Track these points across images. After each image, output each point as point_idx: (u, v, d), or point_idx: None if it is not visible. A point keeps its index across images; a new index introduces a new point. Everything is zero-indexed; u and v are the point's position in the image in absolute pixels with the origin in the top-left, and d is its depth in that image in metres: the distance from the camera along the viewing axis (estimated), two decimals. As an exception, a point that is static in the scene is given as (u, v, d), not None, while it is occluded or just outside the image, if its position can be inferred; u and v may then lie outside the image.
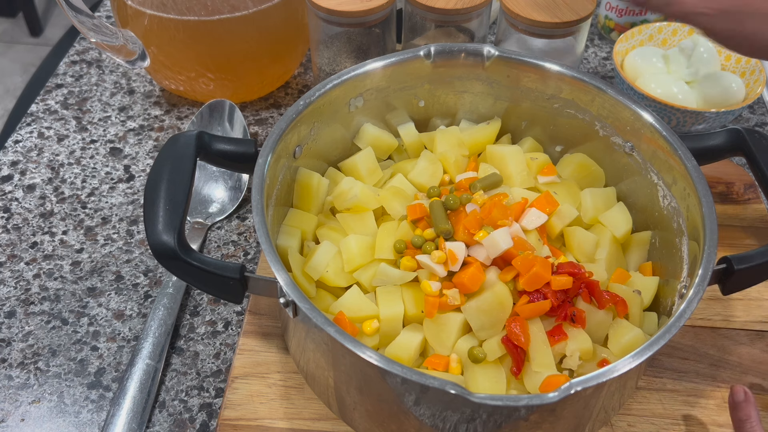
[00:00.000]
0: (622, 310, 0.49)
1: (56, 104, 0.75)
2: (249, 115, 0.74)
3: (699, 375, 0.53)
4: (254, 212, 0.46)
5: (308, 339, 0.46)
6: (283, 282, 0.42)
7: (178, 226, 0.44)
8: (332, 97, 0.55)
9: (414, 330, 0.49)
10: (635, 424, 0.50)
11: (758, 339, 0.55)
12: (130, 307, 0.57)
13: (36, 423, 0.51)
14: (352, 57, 0.65)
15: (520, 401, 0.38)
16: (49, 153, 0.70)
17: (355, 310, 0.49)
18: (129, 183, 0.67)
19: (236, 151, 0.50)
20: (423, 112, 0.61)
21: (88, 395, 0.52)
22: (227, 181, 0.66)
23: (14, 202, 0.65)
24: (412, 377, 0.38)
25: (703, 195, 0.47)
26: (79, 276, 0.59)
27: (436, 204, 0.51)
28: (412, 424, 0.43)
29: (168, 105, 0.75)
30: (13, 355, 0.54)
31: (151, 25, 0.65)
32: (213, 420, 0.51)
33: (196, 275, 0.44)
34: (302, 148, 0.54)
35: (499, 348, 0.46)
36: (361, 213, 0.54)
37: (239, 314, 0.57)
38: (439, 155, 0.58)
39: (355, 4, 0.61)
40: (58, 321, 0.56)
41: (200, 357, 0.54)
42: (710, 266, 0.44)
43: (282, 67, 0.74)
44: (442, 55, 0.57)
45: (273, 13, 0.67)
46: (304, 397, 0.51)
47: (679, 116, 0.67)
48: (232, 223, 0.64)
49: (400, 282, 0.49)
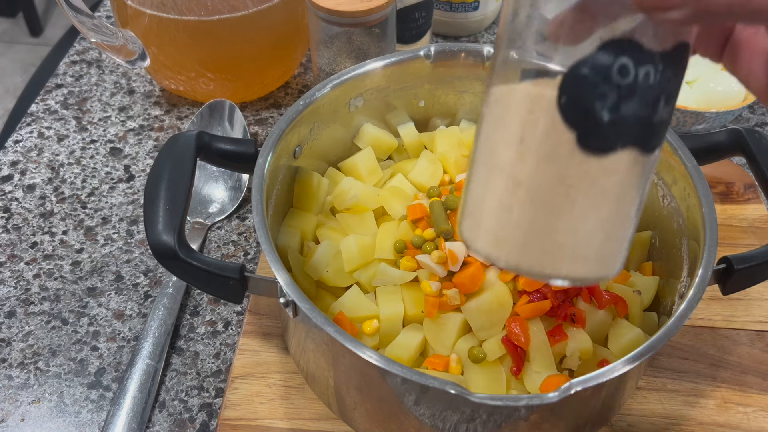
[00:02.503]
0: (622, 310, 0.49)
1: (56, 104, 0.75)
2: (249, 115, 0.74)
3: (699, 375, 0.53)
4: (254, 212, 0.46)
5: (308, 339, 0.46)
6: (283, 282, 0.42)
7: (178, 226, 0.44)
8: (332, 97, 0.55)
9: (414, 330, 0.49)
10: (635, 424, 0.50)
11: (758, 339, 0.55)
12: (130, 307, 0.57)
13: (36, 423, 0.51)
14: (352, 57, 0.65)
15: (520, 401, 0.38)
16: (49, 153, 0.70)
17: (355, 310, 0.49)
18: (129, 183, 0.67)
19: (236, 151, 0.50)
20: (423, 112, 0.61)
21: (88, 395, 0.52)
22: (227, 181, 0.66)
23: (14, 202, 0.65)
24: (412, 377, 0.38)
25: (703, 195, 0.47)
26: (79, 276, 0.59)
27: (436, 204, 0.51)
28: (412, 424, 0.43)
29: (168, 105, 0.75)
30: (13, 355, 0.54)
31: (151, 25, 0.65)
32: (213, 420, 0.51)
33: (196, 275, 0.44)
34: (302, 148, 0.54)
35: (499, 348, 0.46)
36: (361, 213, 0.54)
37: (239, 314, 0.57)
38: (439, 155, 0.58)
39: (355, 4, 0.61)
40: (58, 321, 0.56)
41: (200, 357, 0.54)
42: (710, 266, 0.44)
43: (282, 67, 0.74)
44: (442, 55, 0.57)
45: (273, 13, 0.67)
46: (304, 397, 0.51)
47: (679, 116, 0.67)
48: (232, 223, 0.64)
49: (400, 282, 0.49)
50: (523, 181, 0.30)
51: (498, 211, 0.31)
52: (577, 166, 0.29)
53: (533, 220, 0.30)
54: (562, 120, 0.29)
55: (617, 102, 0.28)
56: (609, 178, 0.30)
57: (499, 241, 0.31)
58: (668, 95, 0.29)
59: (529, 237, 0.31)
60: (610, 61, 0.28)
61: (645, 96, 0.28)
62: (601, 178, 0.29)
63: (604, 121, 0.28)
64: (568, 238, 0.30)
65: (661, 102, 0.29)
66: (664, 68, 0.29)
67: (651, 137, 0.30)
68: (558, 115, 0.29)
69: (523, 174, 0.30)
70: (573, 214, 0.30)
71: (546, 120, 0.29)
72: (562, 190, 0.30)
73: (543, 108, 0.29)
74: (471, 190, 0.33)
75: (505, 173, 0.31)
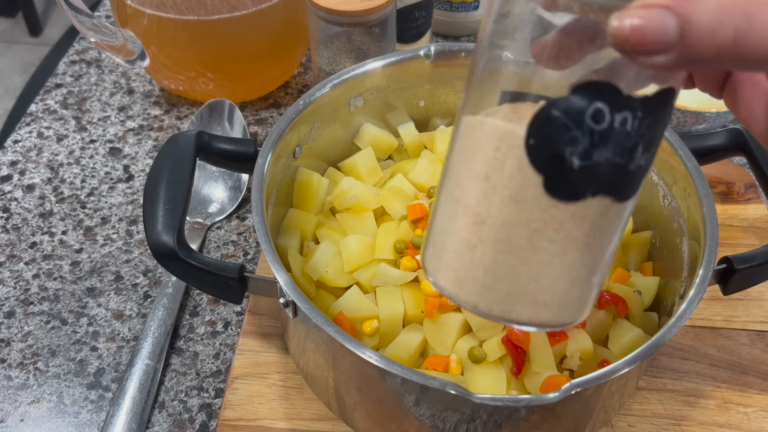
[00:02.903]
0: (623, 310, 0.49)
1: (56, 104, 0.75)
2: (249, 115, 0.74)
3: (699, 375, 0.53)
4: (254, 212, 0.45)
5: (308, 339, 0.46)
6: (283, 282, 0.42)
7: (177, 226, 0.44)
8: (332, 96, 0.54)
9: (414, 330, 0.49)
10: (635, 424, 0.50)
11: (759, 339, 0.55)
12: (129, 307, 0.57)
13: (35, 423, 0.50)
14: (352, 57, 0.65)
15: (521, 402, 0.38)
16: (48, 153, 0.70)
17: (355, 310, 0.48)
18: (128, 183, 0.67)
19: (236, 150, 0.49)
20: (423, 112, 0.61)
21: (87, 395, 0.52)
22: (227, 181, 0.66)
23: (13, 202, 0.65)
24: (412, 377, 0.38)
25: (703, 195, 0.47)
26: (78, 276, 0.59)
27: (436, 204, 0.51)
28: (412, 424, 0.43)
29: (167, 105, 0.75)
30: (12, 355, 0.54)
31: (150, 24, 0.65)
32: (213, 420, 0.50)
33: (195, 275, 0.44)
34: (302, 148, 0.54)
35: (499, 348, 0.46)
36: (361, 213, 0.54)
37: (239, 314, 0.57)
38: (439, 155, 0.58)
39: (355, 4, 0.61)
40: (58, 321, 0.56)
41: (200, 357, 0.54)
42: (711, 266, 0.44)
43: (282, 66, 0.74)
44: (442, 54, 0.57)
45: (273, 13, 0.67)
46: (303, 397, 0.50)
47: (679, 116, 0.67)
48: (232, 223, 0.64)
49: (400, 282, 0.49)
50: (486, 220, 0.29)
51: (460, 248, 0.30)
52: (543, 210, 0.28)
53: (495, 262, 0.29)
54: (529, 163, 0.27)
55: (589, 148, 0.26)
56: (577, 225, 0.28)
57: (459, 279, 0.30)
58: (648, 142, 0.27)
59: (489, 278, 0.29)
60: (583, 104, 0.26)
61: (621, 143, 0.26)
62: (568, 225, 0.28)
63: (573, 167, 0.26)
64: (531, 284, 0.29)
65: (638, 149, 0.27)
66: (644, 114, 0.26)
67: (626, 185, 0.28)
68: (525, 157, 0.27)
69: (486, 212, 0.29)
70: (536, 259, 0.28)
71: (512, 161, 0.27)
72: (526, 233, 0.28)
73: (510, 147, 0.27)
74: (436, 220, 0.31)
75: (469, 209, 0.29)
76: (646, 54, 0.24)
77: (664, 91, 0.27)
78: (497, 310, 0.30)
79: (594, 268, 0.30)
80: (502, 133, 0.28)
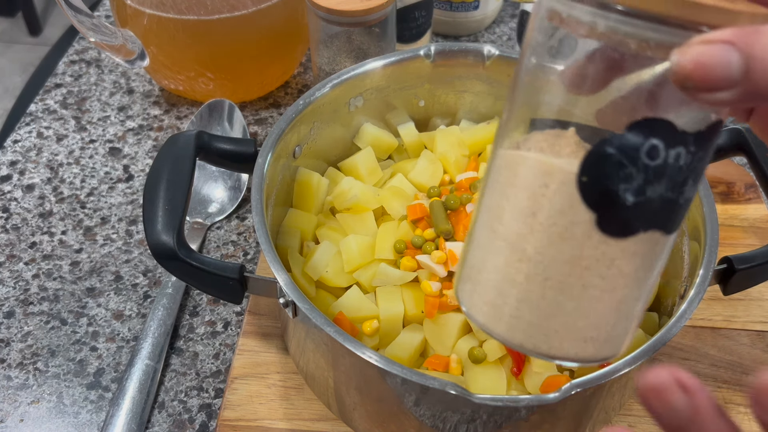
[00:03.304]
0: (623, 310, 0.49)
1: (55, 104, 0.75)
2: (248, 115, 0.74)
3: (699, 375, 0.53)
4: (254, 212, 0.45)
5: (308, 339, 0.46)
6: (283, 282, 0.42)
7: (177, 226, 0.44)
8: (332, 96, 0.54)
9: (414, 330, 0.49)
10: (636, 424, 0.50)
11: (759, 339, 0.55)
12: (129, 307, 0.57)
13: (35, 423, 0.50)
14: (352, 56, 0.65)
15: (521, 402, 0.38)
16: (48, 153, 0.70)
17: (355, 311, 0.48)
18: (128, 183, 0.67)
19: (236, 150, 0.49)
20: (423, 112, 0.61)
21: (87, 396, 0.52)
22: (227, 181, 0.66)
23: (13, 202, 0.65)
24: (412, 378, 0.38)
25: (703, 195, 0.47)
26: (78, 276, 0.59)
27: (437, 204, 0.51)
28: (412, 424, 0.43)
29: (167, 105, 0.75)
30: (12, 355, 0.54)
31: (150, 24, 0.65)
32: (212, 420, 0.50)
33: (195, 275, 0.44)
34: (302, 148, 0.54)
35: (499, 348, 0.46)
36: (361, 213, 0.54)
37: (239, 314, 0.57)
38: (439, 155, 0.58)
39: (355, 4, 0.61)
40: (57, 321, 0.56)
41: (200, 357, 0.54)
42: (711, 266, 0.44)
43: (282, 66, 0.74)
44: (442, 54, 0.57)
45: (273, 13, 0.67)
46: (303, 397, 0.50)
47: (679, 116, 0.67)
48: (232, 223, 0.64)
49: (400, 282, 0.49)
50: (531, 257, 0.28)
51: (500, 284, 0.29)
52: (594, 248, 0.27)
53: (542, 299, 0.28)
54: (581, 200, 0.26)
55: (643, 185, 0.26)
56: (628, 261, 0.27)
57: (500, 315, 0.29)
58: (697, 174, 0.27)
59: (535, 316, 0.29)
60: (639, 141, 0.25)
61: (673, 178, 0.26)
62: (619, 261, 0.27)
63: (627, 204, 0.26)
64: (580, 321, 0.28)
65: (689, 182, 0.27)
66: (696, 149, 0.26)
67: (675, 218, 0.28)
68: (577, 194, 0.26)
69: (531, 249, 0.28)
70: (586, 295, 0.28)
71: (562, 198, 0.27)
72: (577, 271, 0.27)
73: (561, 184, 0.27)
74: (471, 253, 0.31)
75: (510, 244, 0.28)
76: (709, 91, 0.23)
77: (715, 124, 0.27)
78: (544, 348, 0.29)
79: (640, 299, 0.30)
80: (549, 169, 0.27)
